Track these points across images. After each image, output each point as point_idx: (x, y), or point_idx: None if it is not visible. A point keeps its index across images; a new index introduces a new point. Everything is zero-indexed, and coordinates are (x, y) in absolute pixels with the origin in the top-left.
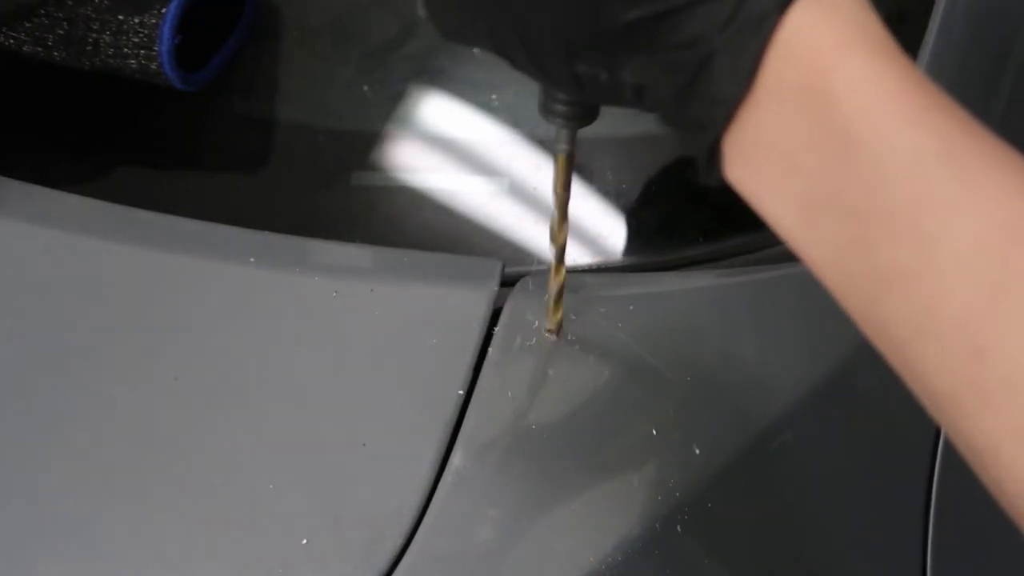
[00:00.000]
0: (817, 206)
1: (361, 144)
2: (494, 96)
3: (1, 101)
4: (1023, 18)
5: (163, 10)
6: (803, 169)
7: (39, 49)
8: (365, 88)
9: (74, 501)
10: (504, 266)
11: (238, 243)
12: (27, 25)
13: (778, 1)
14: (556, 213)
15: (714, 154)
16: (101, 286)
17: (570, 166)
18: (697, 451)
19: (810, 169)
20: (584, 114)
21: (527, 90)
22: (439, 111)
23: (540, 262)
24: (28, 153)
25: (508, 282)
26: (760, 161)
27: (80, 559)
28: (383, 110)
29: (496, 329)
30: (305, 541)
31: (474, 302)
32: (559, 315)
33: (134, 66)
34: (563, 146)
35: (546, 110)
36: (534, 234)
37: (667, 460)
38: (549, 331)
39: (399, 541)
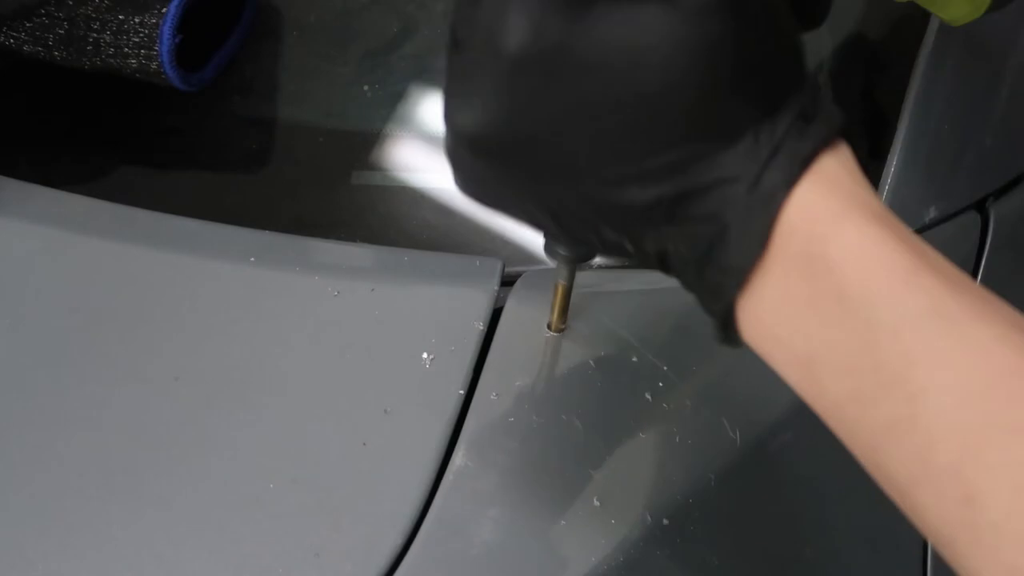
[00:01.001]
0: (818, 364)
1: (361, 144)
2: None
3: (1, 101)
4: (1023, 18)
5: (163, 10)
6: (805, 330)
7: (39, 49)
8: (365, 88)
9: (74, 501)
10: (504, 266)
11: (238, 243)
12: (27, 25)
13: (786, 179)
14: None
15: (729, 318)
16: (101, 286)
17: (567, 295)
18: (698, 449)
19: (811, 330)
20: (588, 255)
21: None
22: (439, 111)
23: (540, 262)
24: (28, 153)
25: (508, 282)
26: (768, 324)
27: (79, 559)
28: (383, 110)
29: (496, 329)
30: (305, 541)
31: (474, 302)
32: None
33: (134, 66)
34: (562, 282)
35: (550, 251)
36: (534, 234)
37: (669, 459)
38: (557, 329)
39: (399, 541)
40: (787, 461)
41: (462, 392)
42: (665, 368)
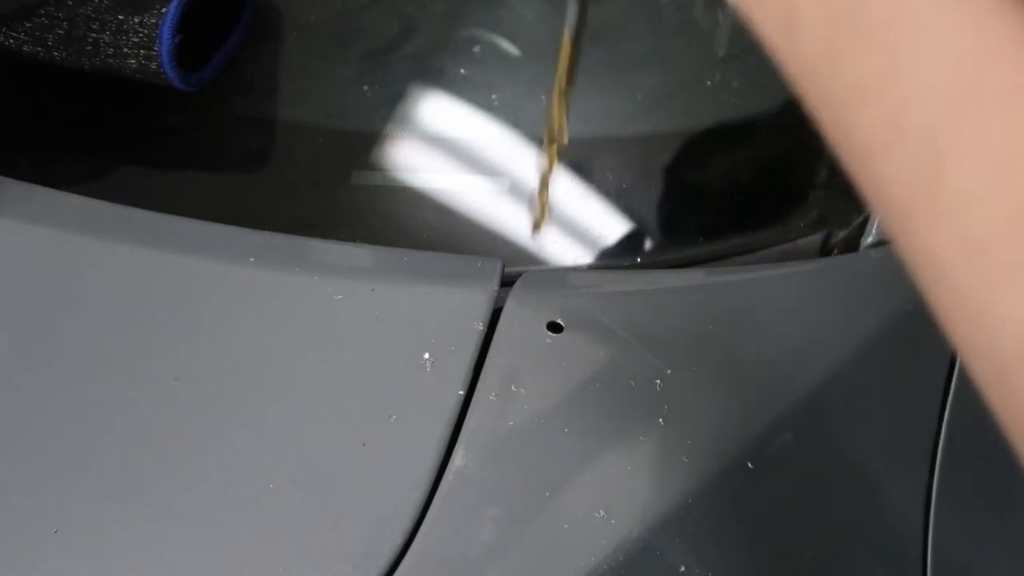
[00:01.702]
0: (798, 18)
1: (361, 144)
2: (494, 96)
3: (1, 101)
4: None
5: (163, 10)
6: None
7: (39, 49)
8: (365, 88)
9: (74, 501)
10: (504, 266)
11: (238, 243)
12: (27, 25)
13: None
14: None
15: None
16: (101, 286)
17: (576, 51)
18: (698, 450)
19: None
20: None
21: (527, 90)
22: (439, 111)
23: (540, 262)
24: (28, 153)
25: (508, 282)
26: None
27: (79, 559)
28: (383, 110)
29: (496, 329)
30: (305, 541)
31: (474, 302)
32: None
33: (134, 66)
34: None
35: None
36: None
37: (667, 459)
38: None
39: (399, 541)
40: (788, 462)
41: (462, 392)
42: (665, 369)
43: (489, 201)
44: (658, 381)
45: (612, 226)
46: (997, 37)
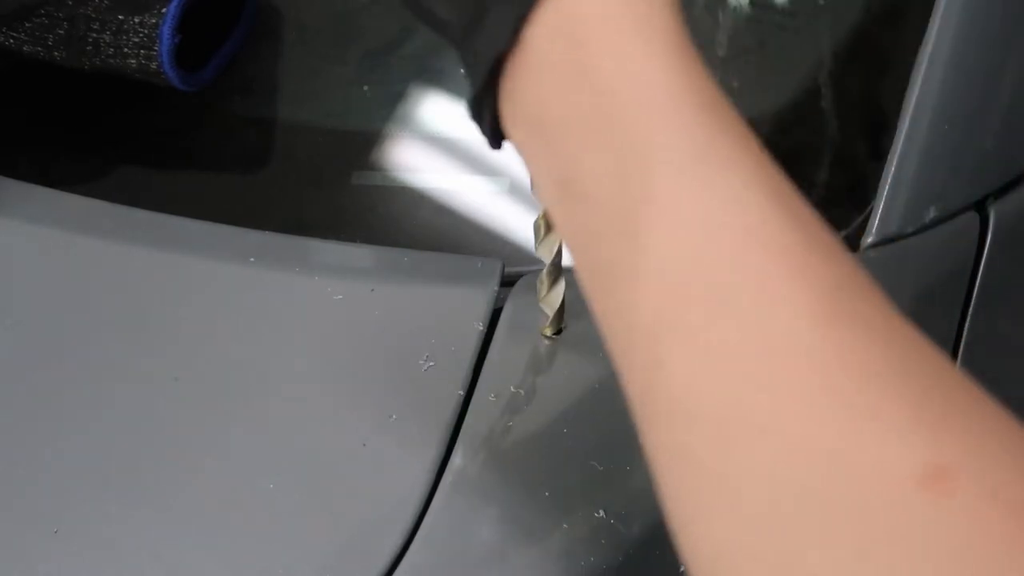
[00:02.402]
0: (567, 190)
1: (361, 144)
2: None
3: (1, 101)
4: (1023, 19)
5: (163, 10)
6: (559, 152)
7: (39, 49)
8: (365, 88)
9: (74, 501)
10: (504, 266)
11: (238, 243)
12: (27, 25)
13: None
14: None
15: (479, 108)
16: (101, 286)
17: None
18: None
19: (565, 153)
20: None
21: None
22: (439, 111)
23: (540, 262)
24: (28, 153)
25: (508, 282)
26: (527, 133)
27: (79, 559)
28: (383, 110)
29: (496, 329)
30: (305, 541)
31: (474, 302)
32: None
33: (134, 66)
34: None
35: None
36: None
37: None
38: (548, 333)
39: (399, 541)
40: None
41: (461, 393)
42: None
43: (489, 201)
44: None
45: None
46: (726, 230)
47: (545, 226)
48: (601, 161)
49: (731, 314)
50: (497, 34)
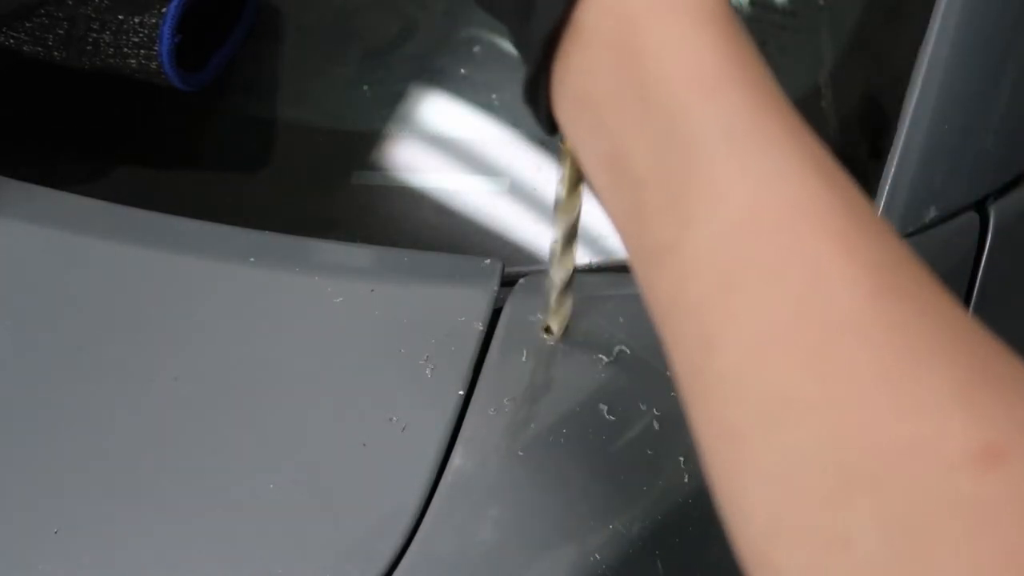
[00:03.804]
0: (616, 170)
1: (361, 144)
2: (494, 96)
3: (1, 101)
4: (1023, 18)
5: (163, 10)
6: (608, 128)
7: (39, 49)
8: (365, 88)
9: (74, 501)
10: (504, 266)
11: (238, 243)
12: (27, 25)
13: None
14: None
15: (535, 90)
16: (101, 286)
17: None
18: (697, 450)
19: (613, 129)
20: None
21: None
22: (439, 111)
23: (540, 262)
24: (28, 153)
25: (508, 282)
26: (578, 112)
27: (79, 559)
28: (383, 110)
29: (496, 329)
30: (305, 541)
31: (474, 302)
32: (563, 315)
33: (134, 66)
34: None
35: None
36: (534, 234)
37: (668, 460)
38: (549, 332)
39: (399, 541)
40: None
41: (461, 393)
42: (665, 372)
43: (489, 201)
44: (658, 383)
45: (612, 227)
46: (773, 206)
47: (561, 249)
48: (648, 138)
49: (780, 291)
50: (549, 13)
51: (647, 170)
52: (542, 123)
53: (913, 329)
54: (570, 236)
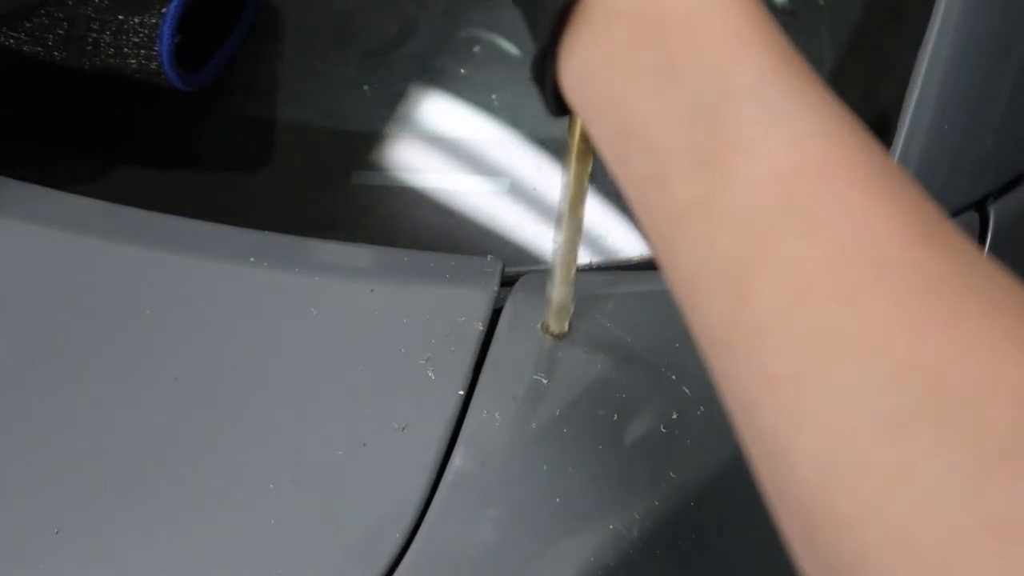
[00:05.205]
0: (634, 137)
1: (361, 144)
2: (494, 96)
3: (1, 101)
4: (1023, 18)
5: (163, 10)
6: (623, 98)
7: (39, 49)
8: (365, 88)
9: (74, 501)
10: (504, 266)
11: (238, 243)
12: (27, 25)
13: None
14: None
15: (545, 67)
16: (101, 286)
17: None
18: (699, 450)
19: (629, 99)
20: None
21: (527, 90)
22: (439, 111)
23: (540, 262)
24: (28, 153)
25: (508, 282)
26: (589, 85)
27: (79, 559)
28: (383, 110)
29: (496, 329)
30: (305, 541)
31: (474, 302)
32: (563, 314)
33: (134, 66)
34: (584, 144)
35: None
36: (534, 234)
37: (668, 460)
38: (549, 332)
39: (399, 541)
40: None
41: (461, 392)
42: (666, 371)
43: (489, 201)
44: (658, 384)
45: (613, 226)
46: (810, 161)
47: (563, 249)
48: (672, 104)
49: (821, 238)
50: None
51: (670, 135)
52: (548, 102)
53: (958, 277)
54: (573, 235)
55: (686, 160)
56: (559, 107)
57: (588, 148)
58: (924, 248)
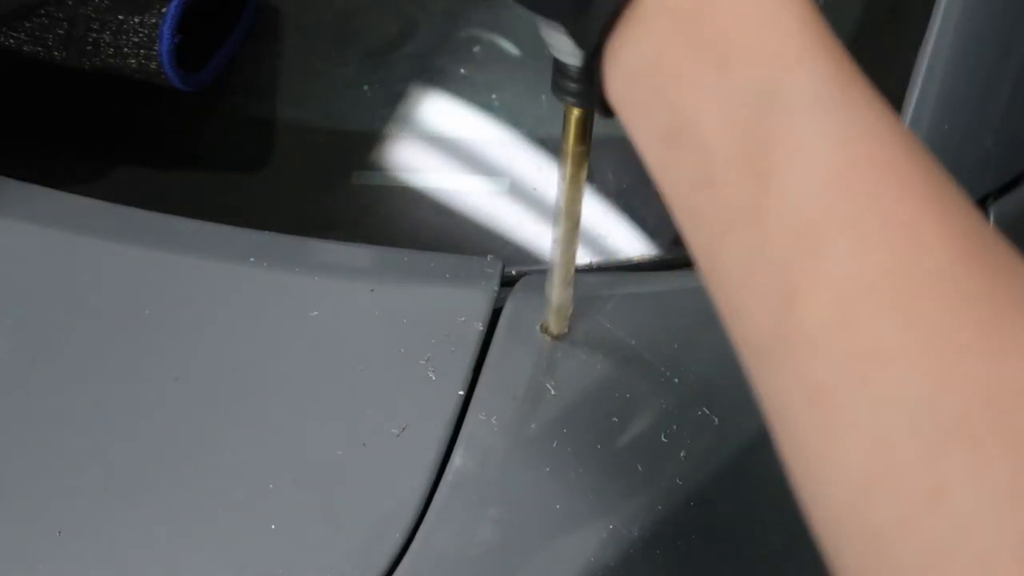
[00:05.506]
0: (677, 139)
1: (361, 144)
2: (494, 96)
3: (1, 101)
4: (1023, 18)
5: (163, 10)
6: (670, 99)
7: (39, 49)
8: (365, 88)
9: (74, 501)
10: (504, 266)
11: (238, 243)
12: (27, 25)
13: None
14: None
15: (592, 68)
16: (101, 286)
17: (582, 167)
18: (698, 451)
19: (677, 99)
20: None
21: (527, 90)
22: (439, 111)
23: (540, 262)
24: (28, 153)
25: (508, 282)
26: (633, 86)
27: (79, 559)
28: (383, 110)
29: (496, 329)
30: (305, 541)
31: (474, 302)
32: (563, 315)
33: (134, 66)
34: (579, 147)
35: (557, 87)
36: (534, 234)
37: (668, 460)
38: (549, 332)
39: (399, 541)
40: None
41: (461, 393)
42: (666, 371)
43: (489, 201)
44: (659, 385)
45: (613, 226)
46: (863, 169)
47: (562, 249)
48: (722, 106)
49: (871, 246)
50: None
51: (719, 136)
52: (598, 105)
53: (1005, 290)
54: (571, 236)
55: (736, 162)
56: (608, 108)
57: (584, 150)
58: (973, 261)
